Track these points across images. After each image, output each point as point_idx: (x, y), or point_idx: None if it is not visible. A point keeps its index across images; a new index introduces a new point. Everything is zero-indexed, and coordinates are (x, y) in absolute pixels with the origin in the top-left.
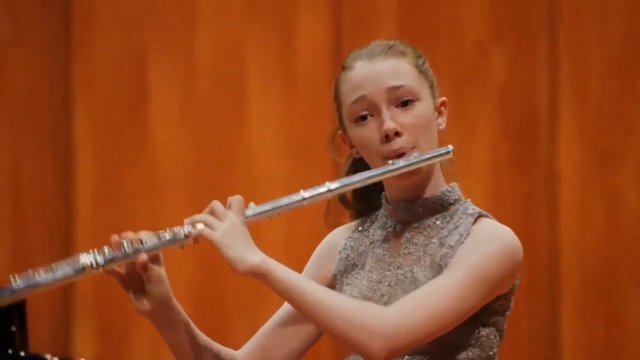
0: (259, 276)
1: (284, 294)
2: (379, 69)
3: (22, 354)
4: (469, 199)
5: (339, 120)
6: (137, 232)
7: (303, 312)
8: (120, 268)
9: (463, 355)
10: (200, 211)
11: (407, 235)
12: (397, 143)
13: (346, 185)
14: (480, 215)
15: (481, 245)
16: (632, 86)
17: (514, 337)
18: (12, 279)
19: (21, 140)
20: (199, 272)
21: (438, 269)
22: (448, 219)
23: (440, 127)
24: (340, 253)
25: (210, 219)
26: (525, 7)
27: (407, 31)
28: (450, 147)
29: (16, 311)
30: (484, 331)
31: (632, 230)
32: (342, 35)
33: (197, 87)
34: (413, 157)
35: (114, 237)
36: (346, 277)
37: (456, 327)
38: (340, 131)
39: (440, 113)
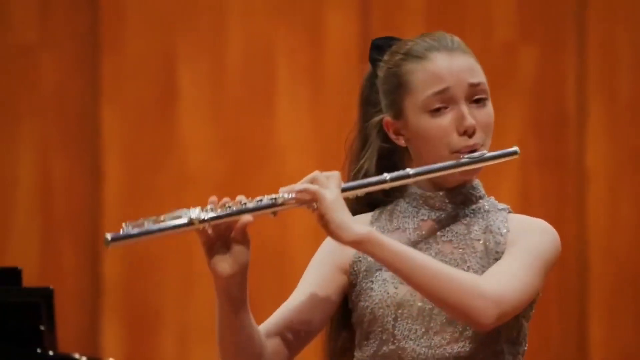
0: (365, 244)
1: (390, 261)
2: (460, 64)
3: (51, 353)
4: (492, 197)
5: (391, 106)
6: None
7: (410, 280)
8: (209, 228)
9: (511, 349)
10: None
11: (443, 223)
12: (473, 139)
13: (424, 172)
14: (509, 211)
15: (535, 232)
16: None
17: (543, 336)
18: (123, 226)
19: (51, 140)
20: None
21: (494, 255)
22: (482, 210)
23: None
24: None
25: (314, 186)
26: (554, 4)
27: (435, 29)
28: (516, 147)
29: (45, 310)
30: (525, 324)
31: None
32: (370, 33)
33: (226, 87)
34: (484, 155)
35: (213, 198)
36: (374, 263)
37: (507, 321)
38: (389, 117)
39: None
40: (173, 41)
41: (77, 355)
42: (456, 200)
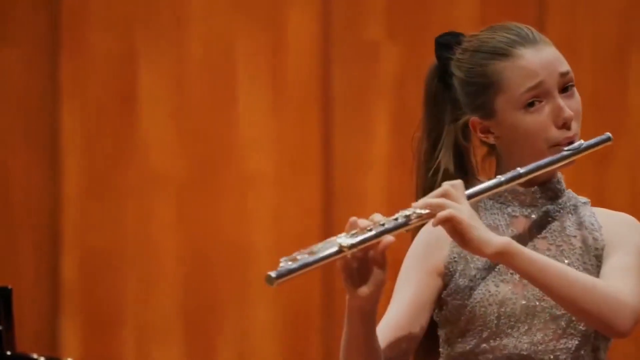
0: (506, 256)
1: (530, 273)
2: (549, 56)
3: (9, 353)
4: (569, 189)
5: (480, 107)
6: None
7: (547, 290)
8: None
9: (605, 344)
10: (190, 209)
11: (535, 219)
12: (572, 130)
13: (534, 169)
14: (589, 205)
15: (630, 229)
16: (623, 83)
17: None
18: (281, 262)
19: (10, 138)
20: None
21: (594, 251)
22: (568, 204)
23: None
24: None
25: (451, 202)
26: (515, 6)
27: (396, 29)
28: (609, 134)
29: (2, 309)
30: None
31: None
32: (331, 33)
33: (187, 85)
34: (582, 144)
35: (353, 219)
36: (469, 262)
37: None
38: (476, 118)
39: None
40: (134, 40)
41: (35, 356)
42: (546, 196)
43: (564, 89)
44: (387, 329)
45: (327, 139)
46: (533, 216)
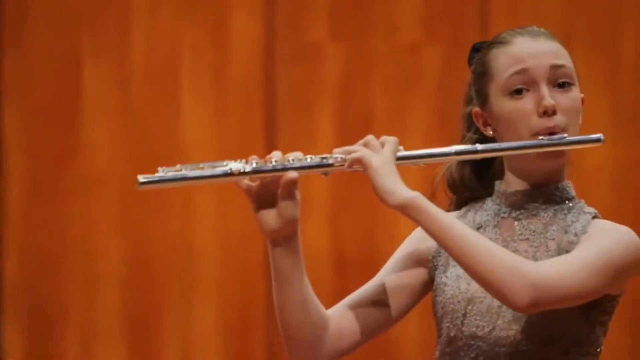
0: (409, 209)
1: (433, 230)
2: (542, 46)
3: None
4: (582, 200)
5: (478, 96)
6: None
7: (450, 250)
8: (253, 182)
9: (579, 349)
10: (133, 211)
11: (522, 221)
12: (553, 120)
13: (494, 150)
14: (596, 216)
15: (610, 234)
16: None
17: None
18: (159, 170)
19: None
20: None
21: (564, 253)
22: (565, 212)
23: (579, 119)
24: None
25: (366, 149)
26: (459, 4)
27: (340, 30)
28: (601, 135)
29: None
30: (598, 328)
31: None
32: (275, 33)
33: (130, 86)
34: (565, 138)
35: (260, 157)
36: (450, 258)
37: (574, 320)
38: (477, 108)
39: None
40: (77, 40)
41: None
42: (538, 200)
43: (560, 84)
44: (348, 303)
45: (271, 140)
46: (521, 218)
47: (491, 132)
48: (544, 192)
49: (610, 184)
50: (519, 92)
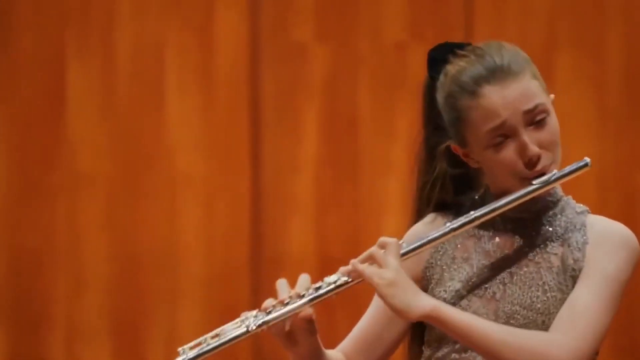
0: (432, 320)
1: (459, 335)
2: (513, 94)
3: None
4: (569, 196)
5: (456, 135)
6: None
7: (480, 350)
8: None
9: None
10: (119, 210)
11: (519, 232)
12: (540, 164)
13: (490, 212)
14: (588, 213)
15: (613, 250)
16: (549, 85)
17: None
18: (180, 350)
19: None
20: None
21: (571, 272)
22: (559, 215)
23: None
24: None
25: (372, 268)
26: (443, 5)
27: (325, 30)
28: (588, 159)
29: None
30: None
31: None
32: (260, 32)
33: (115, 86)
34: (554, 175)
35: (286, 287)
36: (445, 272)
37: None
38: (456, 145)
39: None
40: (62, 39)
41: None
42: (533, 209)
43: (537, 121)
44: (356, 338)
45: (256, 140)
46: (517, 229)
47: (475, 164)
48: (537, 201)
49: (596, 182)
50: (499, 143)
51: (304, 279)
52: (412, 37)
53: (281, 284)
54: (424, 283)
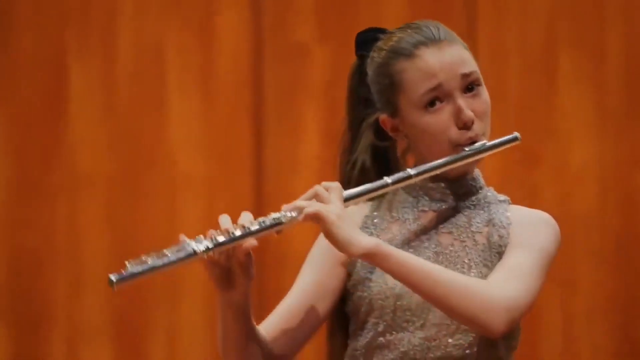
0: (374, 257)
1: (400, 273)
2: (449, 57)
3: None
4: (491, 187)
5: (386, 105)
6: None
7: (419, 290)
8: (218, 255)
9: (505, 342)
10: (120, 210)
11: (443, 214)
12: (473, 130)
13: (426, 171)
14: (509, 202)
15: (538, 226)
16: (550, 89)
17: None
18: (127, 264)
19: None
20: None
21: (497, 248)
22: (483, 202)
23: None
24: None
25: (319, 203)
26: (444, 5)
27: (327, 30)
28: (517, 133)
29: None
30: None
31: None
32: (261, 32)
33: (117, 87)
34: (485, 144)
35: (225, 218)
36: None
37: None
38: (385, 116)
39: None
40: (63, 40)
41: None
42: (458, 192)
43: (469, 88)
44: (279, 317)
45: (258, 141)
46: (442, 211)
47: (402, 138)
48: (462, 185)
49: (596, 182)
50: (432, 104)
51: (246, 214)
52: None
53: (224, 218)
54: (350, 268)
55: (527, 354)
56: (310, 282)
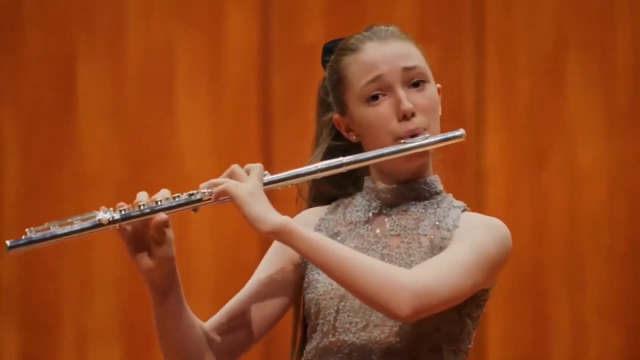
0: (282, 234)
1: (307, 252)
2: (392, 50)
3: None
4: (450, 194)
5: (337, 103)
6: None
7: (327, 270)
8: (127, 226)
9: (452, 346)
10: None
11: (393, 217)
12: (413, 123)
13: (359, 160)
14: (465, 209)
15: (482, 228)
16: (558, 86)
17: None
18: (27, 231)
19: None
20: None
21: (438, 250)
22: (435, 206)
23: (439, 113)
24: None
25: (232, 181)
26: (453, 5)
27: (335, 31)
28: (462, 130)
29: None
30: (469, 323)
31: (561, 229)
32: (270, 33)
33: (125, 87)
34: (427, 138)
35: (137, 197)
36: None
37: (446, 316)
38: (337, 115)
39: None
40: (72, 40)
41: None
42: (408, 195)
43: (414, 83)
44: (225, 314)
45: (266, 140)
46: (391, 214)
47: (354, 137)
48: (413, 188)
49: (605, 183)
50: (375, 98)
51: (164, 191)
52: (421, 39)
53: (141, 194)
54: (302, 269)
55: (536, 353)
56: (262, 280)
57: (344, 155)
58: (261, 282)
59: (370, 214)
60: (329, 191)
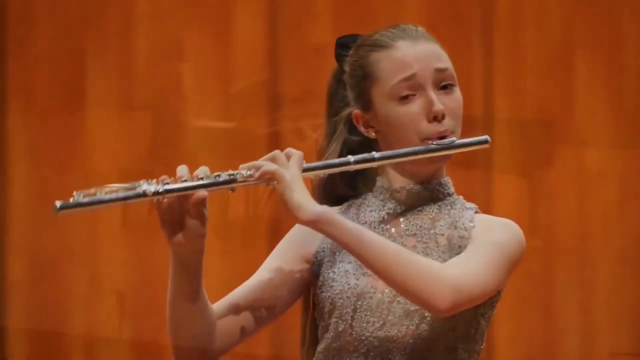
0: (322, 223)
1: (346, 242)
2: (426, 51)
3: None
4: (461, 196)
5: (360, 98)
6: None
7: (366, 261)
8: (165, 199)
9: (466, 345)
10: (137, 216)
11: (408, 217)
12: (443, 125)
13: (390, 157)
14: (477, 211)
15: (498, 228)
16: (567, 90)
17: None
18: (75, 194)
19: None
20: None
21: (457, 249)
22: (449, 207)
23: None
24: None
25: (274, 164)
26: (461, 7)
27: (343, 31)
28: (487, 136)
29: None
30: (483, 323)
31: (570, 229)
32: (277, 33)
33: (134, 87)
34: (455, 142)
35: (182, 168)
36: (336, 254)
37: (462, 315)
38: (358, 110)
39: None
40: (81, 40)
41: None
42: (423, 196)
43: (443, 86)
44: (229, 302)
45: (275, 141)
46: (407, 214)
47: (373, 134)
48: (428, 189)
49: (614, 187)
50: (406, 97)
51: (204, 167)
52: None
53: (181, 168)
54: (315, 268)
55: (546, 354)
56: (270, 271)
57: (361, 152)
58: (271, 273)
59: (385, 214)
60: (342, 191)
